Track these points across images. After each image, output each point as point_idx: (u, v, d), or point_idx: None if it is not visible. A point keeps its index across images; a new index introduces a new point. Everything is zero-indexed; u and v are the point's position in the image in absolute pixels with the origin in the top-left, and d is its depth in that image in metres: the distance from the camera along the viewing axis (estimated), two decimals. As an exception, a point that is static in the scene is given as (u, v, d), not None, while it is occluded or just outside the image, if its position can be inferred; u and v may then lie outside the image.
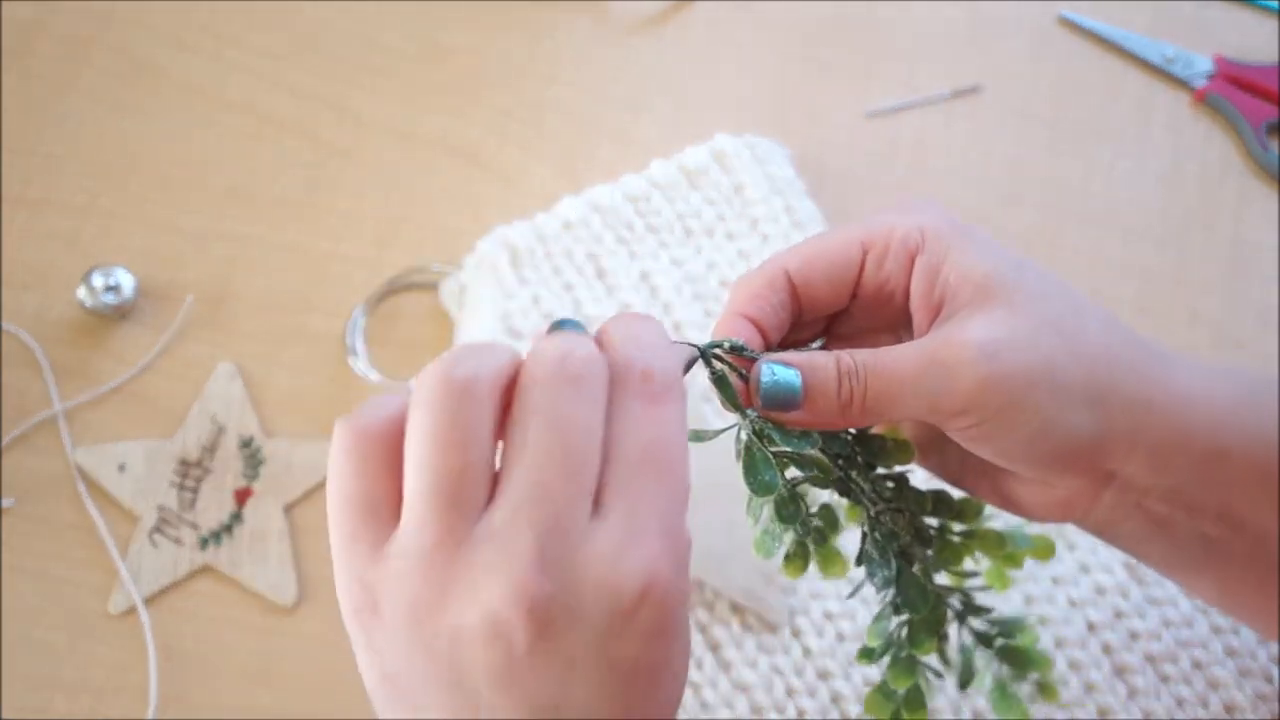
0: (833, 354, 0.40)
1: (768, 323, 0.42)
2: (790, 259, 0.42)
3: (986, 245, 0.41)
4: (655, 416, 0.34)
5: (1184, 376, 0.41)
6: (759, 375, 0.39)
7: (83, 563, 0.58)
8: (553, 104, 0.70)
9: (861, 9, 0.73)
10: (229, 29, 0.71)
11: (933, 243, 0.41)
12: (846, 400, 0.39)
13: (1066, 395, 0.39)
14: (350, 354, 0.62)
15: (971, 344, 0.39)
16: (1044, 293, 0.40)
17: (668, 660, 0.33)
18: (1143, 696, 0.54)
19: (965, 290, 0.40)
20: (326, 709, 0.56)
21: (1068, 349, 0.39)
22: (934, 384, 0.39)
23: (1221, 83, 0.70)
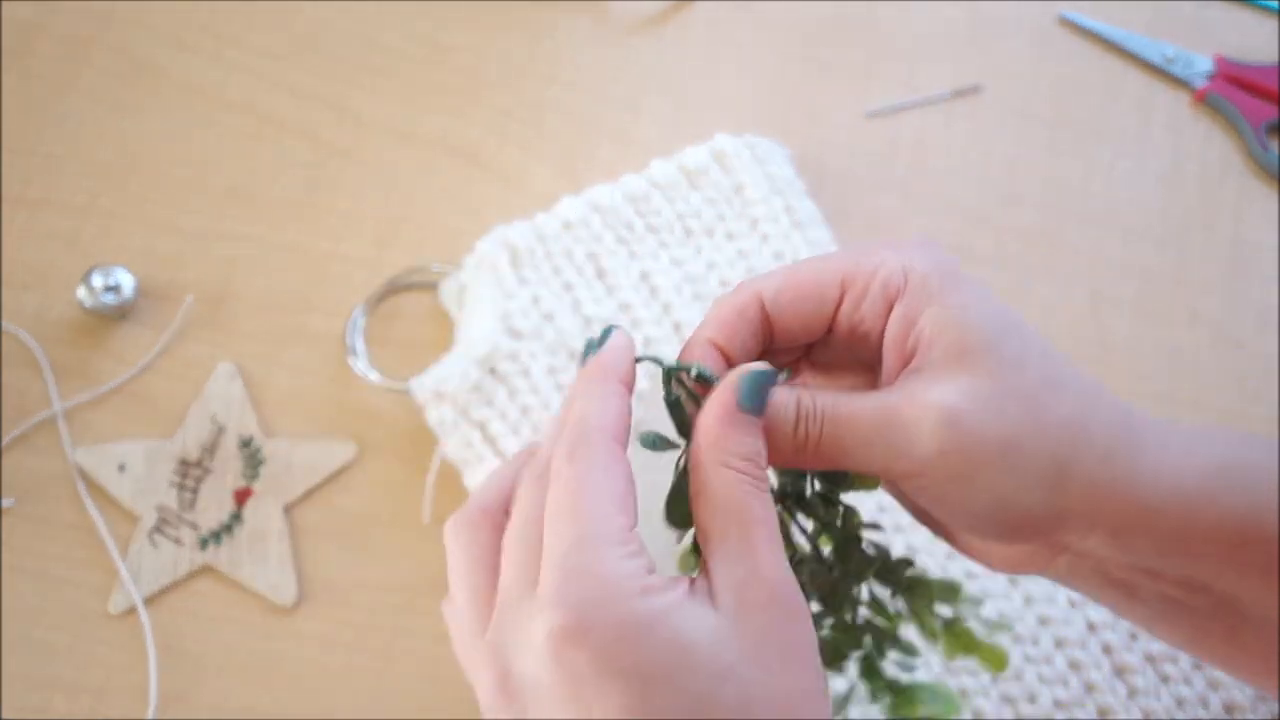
0: (795, 392, 0.39)
1: (736, 349, 0.41)
2: (766, 286, 0.41)
3: (971, 300, 0.39)
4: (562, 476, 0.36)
5: (1155, 455, 0.39)
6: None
7: (83, 563, 0.58)
8: (553, 104, 0.70)
9: (861, 9, 0.73)
10: (229, 29, 0.71)
11: (915, 290, 0.39)
12: (801, 442, 0.39)
13: (1023, 473, 0.38)
14: (350, 354, 0.62)
15: (932, 409, 0.37)
16: (1020, 360, 0.38)
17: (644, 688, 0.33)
18: (1143, 696, 0.54)
19: (938, 347, 0.38)
20: (326, 709, 0.56)
21: (1033, 424, 0.38)
22: (890, 442, 0.38)
23: (1221, 83, 0.70)
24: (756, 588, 0.35)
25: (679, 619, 0.34)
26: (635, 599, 0.34)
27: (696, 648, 0.34)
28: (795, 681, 0.35)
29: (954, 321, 0.39)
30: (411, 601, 0.58)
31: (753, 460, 0.37)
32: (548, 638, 0.34)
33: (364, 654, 0.57)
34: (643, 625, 0.34)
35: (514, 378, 0.59)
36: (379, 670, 0.57)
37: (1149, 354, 0.64)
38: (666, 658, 0.34)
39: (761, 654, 0.34)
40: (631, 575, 0.34)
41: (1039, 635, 0.55)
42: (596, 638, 0.33)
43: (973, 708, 0.54)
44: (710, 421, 0.37)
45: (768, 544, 0.36)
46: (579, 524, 0.35)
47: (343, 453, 0.61)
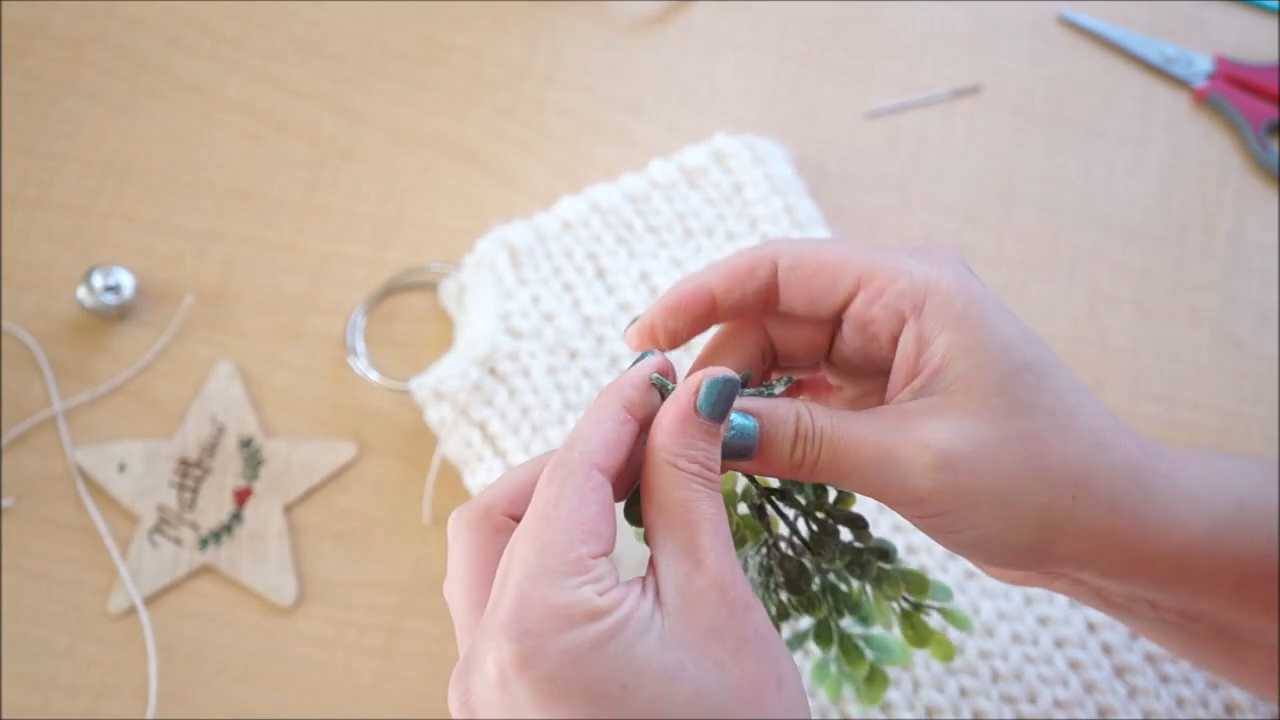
0: (795, 410, 0.39)
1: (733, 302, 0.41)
2: (785, 254, 0.40)
3: (991, 332, 0.38)
4: (540, 496, 0.37)
5: (1161, 504, 0.39)
6: None
7: (82, 563, 0.58)
8: (553, 104, 0.70)
9: (861, 9, 0.73)
10: (229, 29, 0.71)
11: (934, 311, 0.39)
12: (798, 462, 0.39)
13: (1018, 517, 0.38)
14: (350, 354, 0.62)
15: (929, 450, 0.37)
16: (1030, 401, 0.38)
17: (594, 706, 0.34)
18: (1143, 696, 0.54)
19: (948, 376, 0.38)
20: (326, 709, 0.56)
21: (1031, 472, 0.37)
22: (885, 477, 0.38)
23: (1221, 82, 0.70)
24: (701, 585, 0.35)
25: (625, 634, 0.34)
26: (578, 626, 0.34)
27: (644, 656, 0.34)
28: (750, 672, 0.35)
29: (968, 352, 0.38)
30: (411, 601, 0.58)
31: (703, 463, 0.37)
32: (495, 667, 0.35)
33: (364, 654, 0.57)
34: (586, 649, 0.34)
35: (514, 378, 0.59)
36: (379, 670, 0.57)
37: (1148, 354, 0.64)
38: (614, 674, 0.34)
39: (710, 649, 0.35)
40: (578, 603, 0.34)
41: (1039, 635, 0.55)
42: (539, 668, 0.34)
43: (973, 708, 0.54)
44: (665, 421, 0.37)
45: (712, 542, 0.36)
46: (539, 551, 0.35)
47: (343, 453, 0.61)
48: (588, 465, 0.37)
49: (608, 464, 0.37)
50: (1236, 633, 0.41)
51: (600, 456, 0.37)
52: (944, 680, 0.54)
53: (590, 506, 0.36)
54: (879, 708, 0.53)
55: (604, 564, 0.36)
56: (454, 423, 0.58)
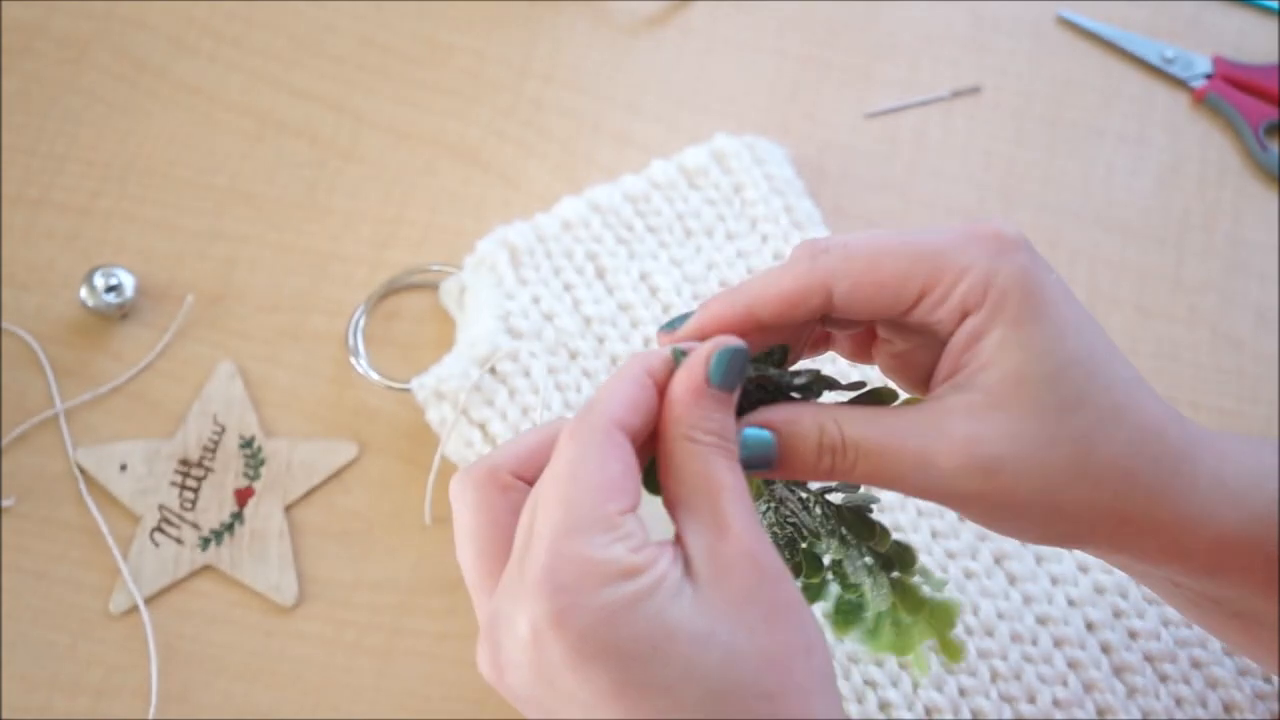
0: (819, 422, 0.38)
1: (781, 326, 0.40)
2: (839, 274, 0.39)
3: (1044, 327, 0.38)
4: (561, 454, 0.36)
5: (1201, 496, 0.39)
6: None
7: (83, 562, 0.58)
8: (553, 104, 0.70)
9: (861, 9, 0.73)
10: (229, 29, 0.71)
11: (991, 306, 0.38)
12: (828, 470, 0.39)
13: (1059, 513, 0.38)
14: (351, 354, 0.62)
15: (969, 454, 0.37)
16: (1078, 398, 0.37)
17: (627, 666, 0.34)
18: (1142, 695, 0.54)
19: (993, 374, 0.38)
20: (326, 709, 0.56)
21: (1075, 470, 0.37)
22: (927, 480, 0.38)
23: (1220, 83, 0.70)
24: (730, 553, 0.35)
25: (659, 595, 0.34)
26: (613, 584, 0.34)
27: (676, 619, 0.34)
28: (780, 639, 0.35)
29: (1016, 350, 0.38)
30: (412, 601, 0.58)
31: (718, 433, 0.37)
32: (528, 625, 0.35)
33: (364, 654, 0.57)
34: (621, 608, 0.34)
35: (514, 378, 0.59)
36: (379, 670, 0.57)
37: (1148, 353, 0.64)
38: (648, 634, 0.34)
39: (742, 616, 0.35)
40: (612, 561, 0.35)
41: (1038, 634, 0.55)
42: (574, 627, 0.34)
43: (972, 707, 0.54)
44: (677, 394, 0.37)
45: (736, 509, 0.36)
46: (567, 509, 0.35)
47: (343, 453, 0.61)
48: (609, 423, 0.36)
49: (629, 423, 0.37)
50: (1257, 616, 0.42)
51: (621, 414, 0.37)
52: (943, 680, 0.54)
53: (614, 463, 0.36)
54: (878, 707, 0.53)
55: (632, 520, 0.36)
56: (454, 423, 0.58)
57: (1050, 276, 0.39)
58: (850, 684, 0.54)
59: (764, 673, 0.34)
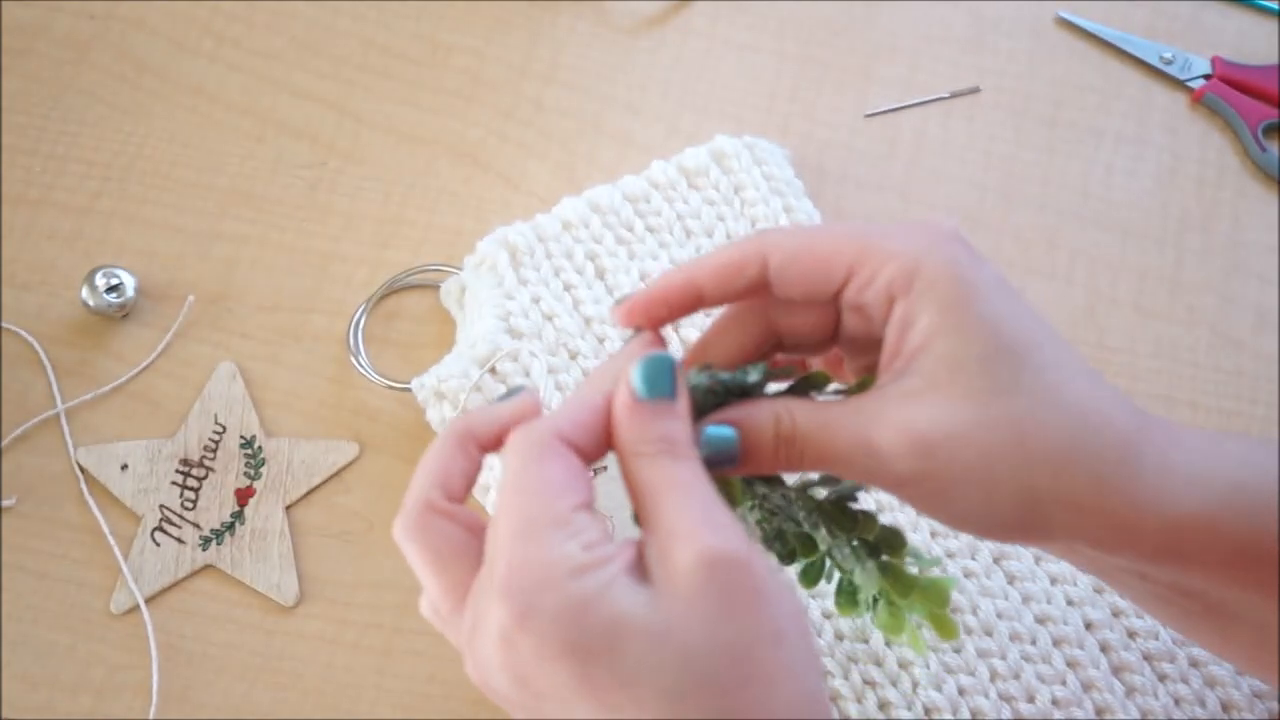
0: (773, 412, 0.39)
1: (721, 297, 0.41)
2: (774, 250, 0.40)
3: (976, 312, 0.38)
4: (506, 467, 0.38)
5: (1149, 481, 0.38)
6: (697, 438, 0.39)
7: (84, 562, 0.59)
8: (553, 104, 0.70)
9: (861, 10, 0.73)
10: (230, 30, 0.72)
11: (919, 292, 0.38)
12: (784, 461, 0.39)
13: (1000, 497, 0.38)
14: (351, 354, 0.62)
15: (908, 435, 0.37)
16: (1012, 382, 0.38)
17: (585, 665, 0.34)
18: (1140, 695, 0.54)
19: (927, 360, 0.38)
20: (327, 708, 0.56)
21: (1013, 454, 0.37)
22: (868, 464, 0.38)
23: (1219, 84, 0.70)
24: (679, 551, 0.35)
25: (613, 594, 0.35)
26: (570, 580, 0.35)
27: (630, 618, 0.35)
28: (740, 630, 0.35)
29: (948, 334, 0.38)
30: (412, 601, 0.58)
31: (663, 439, 0.37)
32: (496, 627, 0.35)
33: (364, 654, 0.57)
34: (578, 605, 0.35)
35: (514, 378, 0.60)
36: (379, 669, 0.57)
37: (1147, 354, 0.65)
38: (602, 633, 0.35)
39: (696, 611, 0.35)
40: (566, 557, 0.35)
41: (1037, 634, 0.55)
42: (537, 624, 0.35)
43: (971, 706, 0.54)
44: (617, 417, 0.38)
45: (685, 505, 0.36)
46: (517, 516, 0.36)
47: (344, 452, 0.61)
48: (546, 434, 0.38)
49: (570, 435, 0.38)
50: (1227, 608, 0.41)
51: (562, 428, 0.38)
52: (942, 679, 0.54)
53: (554, 465, 0.37)
54: (878, 706, 0.54)
55: (585, 517, 0.37)
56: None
57: (983, 267, 0.39)
58: (850, 684, 0.54)
59: (723, 666, 0.34)
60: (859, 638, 0.55)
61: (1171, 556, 0.39)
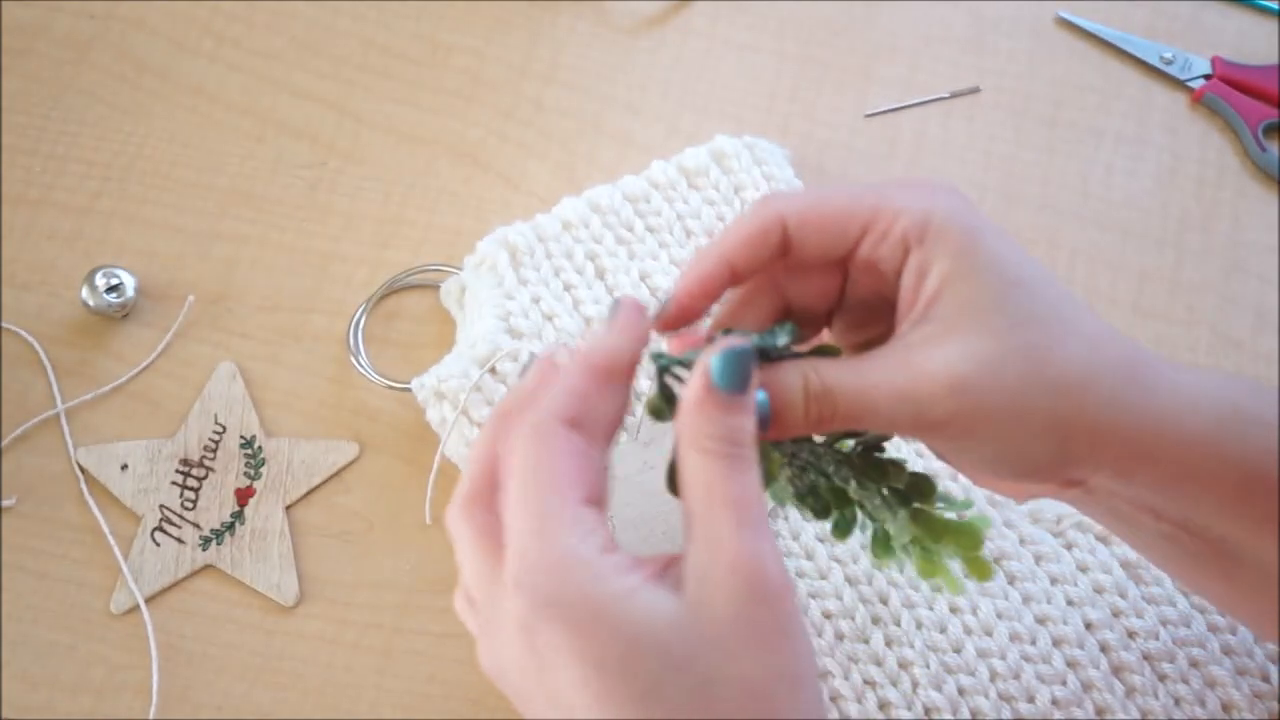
0: (801, 371, 0.39)
1: (752, 269, 0.41)
2: (790, 211, 0.41)
3: (986, 251, 0.40)
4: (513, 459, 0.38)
5: (1161, 399, 0.40)
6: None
7: (84, 562, 0.59)
8: (553, 104, 0.70)
9: (861, 10, 0.73)
10: (230, 30, 0.72)
11: (931, 241, 0.40)
12: (816, 420, 0.39)
13: (1030, 425, 0.39)
14: (351, 354, 0.63)
15: (941, 377, 0.38)
16: (1026, 315, 0.39)
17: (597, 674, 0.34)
18: (1140, 695, 0.54)
19: (946, 301, 0.39)
20: (327, 708, 0.56)
21: (1037, 379, 0.39)
22: (903, 412, 0.39)
23: (1219, 84, 0.70)
24: (721, 574, 0.35)
25: (632, 606, 0.35)
26: (589, 582, 0.35)
27: (648, 636, 0.34)
28: (765, 668, 0.35)
29: (966, 275, 0.39)
30: (411, 601, 0.58)
31: (728, 439, 0.37)
32: (514, 622, 0.35)
33: (364, 654, 0.57)
34: (595, 610, 0.34)
35: (514, 378, 0.60)
36: (379, 670, 0.57)
37: (1147, 354, 0.65)
38: (616, 645, 0.34)
39: (723, 640, 0.34)
40: (586, 558, 0.35)
41: (1036, 634, 0.55)
42: (556, 621, 0.35)
43: (971, 706, 0.54)
44: (685, 403, 0.38)
45: (736, 522, 0.36)
46: (529, 510, 0.36)
47: (344, 452, 0.61)
48: (550, 421, 0.37)
49: (573, 414, 0.37)
50: (1231, 549, 0.42)
51: (562, 407, 0.37)
52: (942, 679, 0.54)
53: (562, 459, 0.37)
54: (878, 706, 0.54)
55: (593, 514, 0.37)
56: (455, 422, 0.58)
57: (984, 217, 0.41)
58: (850, 684, 0.54)
59: (742, 702, 0.34)
60: (859, 638, 0.55)
61: (1185, 479, 0.40)
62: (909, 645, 0.54)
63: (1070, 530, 0.57)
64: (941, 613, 0.55)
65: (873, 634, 0.55)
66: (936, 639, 0.55)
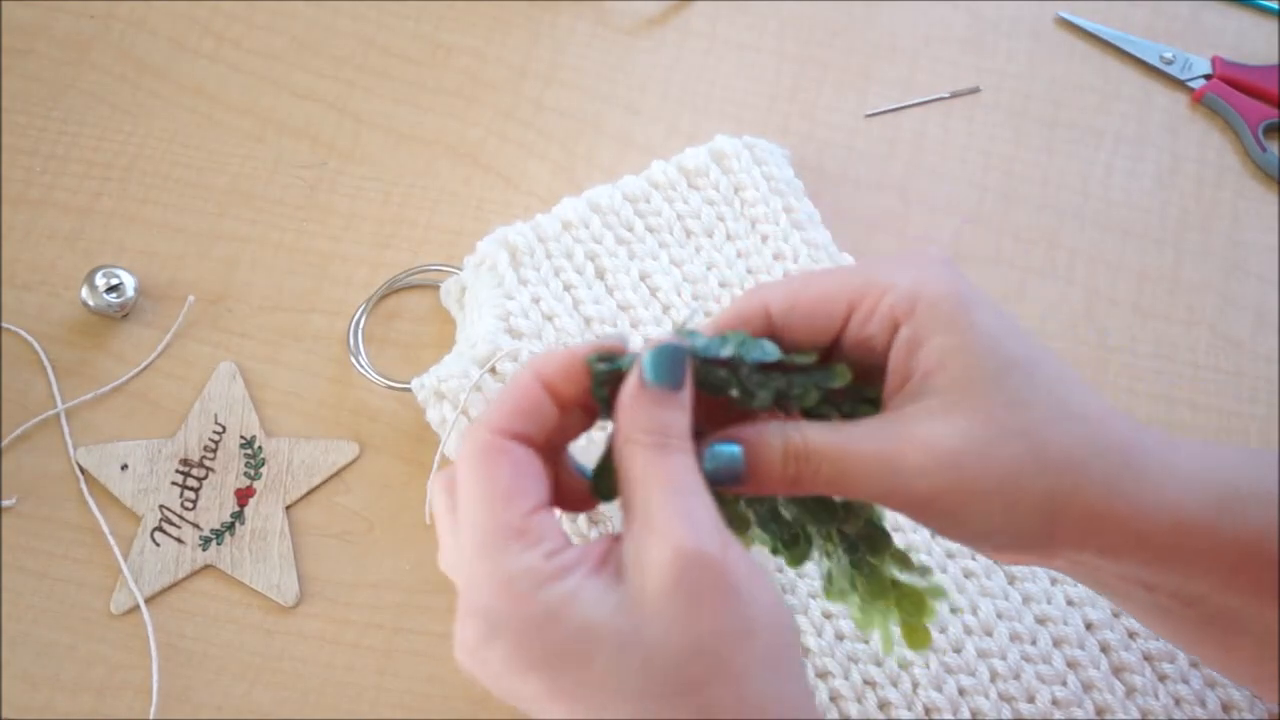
0: (782, 430, 0.39)
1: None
2: (775, 299, 0.41)
3: (980, 332, 0.39)
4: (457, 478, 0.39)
5: (1155, 484, 0.39)
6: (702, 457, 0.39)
7: (84, 562, 0.59)
8: (553, 104, 0.70)
9: (860, 10, 0.73)
10: (230, 30, 0.72)
11: (923, 315, 0.39)
12: (794, 478, 0.39)
13: (1021, 508, 0.38)
14: (351, 354, 0.63)
15: (930, 452, 0.38)
16: (1024, 396, 0.39)
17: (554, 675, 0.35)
18: (1140, 695, 0.54)
19: (939, 377, 0.39)
20: (327, 708, 0.56)
21: (1031, 462, 0.38)
22: (890, 483, 0.38)
23: (1219, 84, 0.70)
24: (654, 548, 0.36)
25: (578, 602, 0.36)
26: (533, 594, 0.36)
27: (597, 625, 0.35)
28: (708, 627, 0.35)
29: (959, 352, 0.39)
30: (411, 601, 0.58)
31: (660, 430, 0.37)
32: (465, 647, 0.37)
33: (364, 654, 0.57)
34: (542, 619, 0.35)
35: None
36: (379, 669, 0.57)
37: (1146, 354, 0.65)
38: (569, 643, 0.35)
39: (661, 611, 0.35)
40: (528, 570, 0.36)
41: (1037, 634, 0.55)
42: (502, 643, 0.36)
43: (971, 706, 0.54)
44: (620, 400, 0.38)
45: (667, 501, 0.36)
46: (472, 530, 0.37)
47: (344, 452, 0.61)
48: (489, 435, 0.38)
49: (515, 428, 0.38)
50: (1229, 619, 0.42)
51: (503, 422, 0.38)
52: (942, 679, 0.54)
53: (503, 471, 0.37)
54: (878, 706, 0.54)
55: (543, 520, 0.37)
56: (455, 422, 0.58)
57: (977, 289, 0.40)
58: (850, 684, 0.54)
59: (689, 663, 0.35)
60: (859, 638, 0.55)
61: (1177, 559, 0.40)
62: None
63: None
64: (942, 613, 0.55)
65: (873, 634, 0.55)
66: (937, 639, 0.55)
